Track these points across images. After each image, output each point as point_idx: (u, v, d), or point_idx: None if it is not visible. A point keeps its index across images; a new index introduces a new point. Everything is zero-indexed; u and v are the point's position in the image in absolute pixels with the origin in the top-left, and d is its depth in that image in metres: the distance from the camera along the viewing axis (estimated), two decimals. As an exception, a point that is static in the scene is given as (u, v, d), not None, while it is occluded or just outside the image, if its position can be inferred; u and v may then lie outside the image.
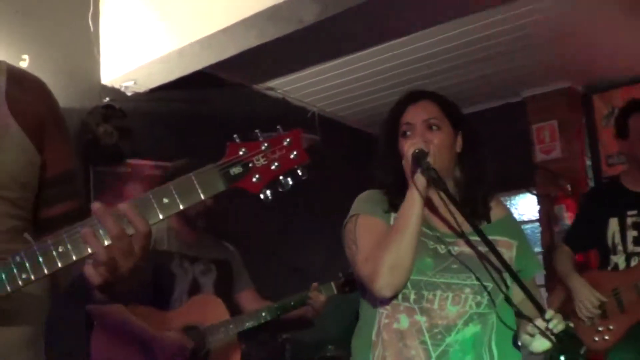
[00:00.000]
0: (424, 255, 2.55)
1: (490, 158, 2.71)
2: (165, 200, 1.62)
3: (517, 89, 7.22)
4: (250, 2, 4.51)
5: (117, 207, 1.60)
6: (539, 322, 2.36)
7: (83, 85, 5.28)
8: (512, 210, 7.52)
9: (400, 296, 2.54)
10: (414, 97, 2.76)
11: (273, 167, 1.69)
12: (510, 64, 6.49)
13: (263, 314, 4.13)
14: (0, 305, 1.64)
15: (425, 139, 2.58)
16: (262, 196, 1.67)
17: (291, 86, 6.71)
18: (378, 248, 2.50)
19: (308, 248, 5.96)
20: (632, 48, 6.20)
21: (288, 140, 1.75)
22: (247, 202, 2.05)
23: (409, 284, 2.51)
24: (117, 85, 5.47)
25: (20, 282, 1.61)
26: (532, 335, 2.41)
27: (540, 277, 6.81)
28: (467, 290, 2.53)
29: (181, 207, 1.63)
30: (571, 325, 2.47)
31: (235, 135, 1.73)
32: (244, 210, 4.73)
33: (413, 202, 2.48)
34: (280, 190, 1.69)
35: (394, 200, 2.63)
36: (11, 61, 2.00)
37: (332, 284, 4.29)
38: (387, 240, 2.49)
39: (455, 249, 2.60)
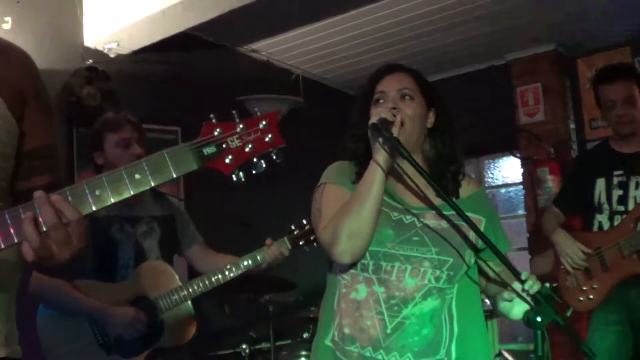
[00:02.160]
0: (386, 226, 2.56)
1: (474, 121, 2.71)
2: (137, 176, 1.64)
3: (501, 52, 7.19)
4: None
5: (51, 197, 1.63)
6: (515, 286, 2.37)
7: (66, 47, 5.27)
8: (496, 173, 7.58)
9: (359, 266, 2.56)
10: (390, 68, 2.77)
11: (247, 150, 1.70)
12: (494, 26, 6.44)
13: (215, 277, 3.87)
14: None
15: (397, 106, 2.58)
16: (234, 177, 1.69)
17: (275, 48, 6.68)
18: (338, 214, 2.50)
19: (268, 205, 5.86)
20: (615, 12, 6.19)
21: (264, 122, 1.76)
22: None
23: (367, 255, 2.53)
24: (100, 47, 5.47)
25: None
26: (510, 301, 2.42)
27: (523, 241, 6.87)
28: (427, 263, 2.54)
29: (152, 183, 1.65)
30: (547, 285, 2.49)
31: (211, 115, 1.72)
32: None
33: (374, 171, 2.48)
34: (253, 172, 1.70)
35: (363, 170, 2.61)
36: (-7, 24, 1.99)
37: (286, 238, 3.99)
38: (346, 207, 2.50)
39: (420, 221, 2.60)
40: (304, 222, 3.97)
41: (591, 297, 4.18)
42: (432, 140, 2.71)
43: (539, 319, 2.22)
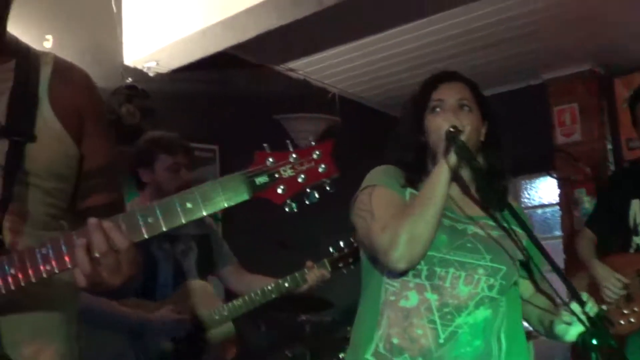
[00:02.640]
0: (440, 231, 2.48)
1: (511, 141, 2.68)
2: (189, 205, 1.65)
3: (538, 72, 7.18)
4: (271, -16, 4.52)
5: (104, 223, 1.66)
6: (574, 307, 2.31)
7: (106, 66, 5.32)
8: (532, 193, 7.56)
9: (410, 272, 2.48)
10: (447, 76, 2.72)
11: (300, 180, 1.69)
12: (531, 46, 6.46)
13: (257, 298, 3.90)
14: (33, 290, 1.69)
15: (456, 116, 2.53)
16: (286, 208, 1.69)
17: (312, 67, 6.72)
18: (398, 218, 2.42)
19: (306, 226, 5.88)
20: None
21: (317, 152, 1.72)
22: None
23: (422, 260, 2.46)
24: (139, 66, 5.53)
25: (43, 274, 1.66)
26: (569, 324, 2.36)
27: (560, 262, 6.81)
28: (481, 270, 2.49)
29: (204, 213, 1.66)
30: (603, 308, 2.48)
31: (265, 145, 1.73)
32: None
33: (441, 177, 2.44)
34: (306, 202, 1.70)
35: (412, 176, 2.61)
36: (35, 41, 2.05)
37: (326, 261, 4.02)
38: (408, 211, 2.44)
39: (471, 229, 2.56)
40: (342, 244, 4.00)
41: (632, 320, 4.12)
42: (485, 153, 2.64)
43: (595, 341, 2.18)
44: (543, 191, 7.65)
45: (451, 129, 2.44)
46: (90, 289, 1.71)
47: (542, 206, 7.66)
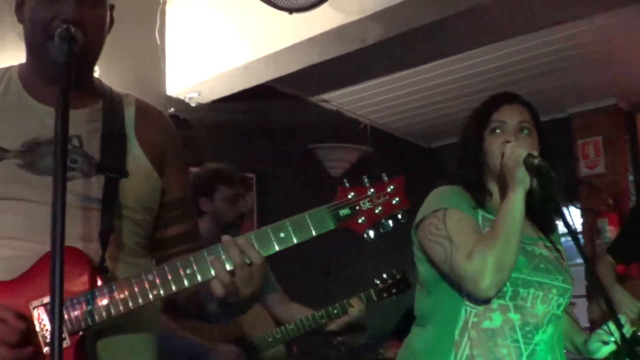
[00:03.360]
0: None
1: None
2: (282, 235, 1.85)
3: (563, 105, 7.36)
4: (316, 22, 4.68)
5: (238, 241, 1.84)
6: (612, 328, 2.48)
7: (149, 96, 5.31)
8: (557, 222, 7.68)
9: None
10: (509, 97, 2.75)
11: (377, 211, 1.89)
12: (558, 81, 6.65)
13: (308, 323, 4.13)
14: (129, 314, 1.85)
15: (517, 139, 2.57)
16: (365, 236, 1.89)
17: (345, 99, 6.93)
18: (483, 245, 2.43)
19: (347, 256, 6.05)
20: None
21: (392, 187, 1.93)
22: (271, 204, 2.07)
23: (507, 281, 2.47)
24: (181, 97, 5.74)
25: (151, 297, 1.83)
26: (606, 343, 2.53)
27: (582, 288, 6.94)
28: (554, 290, 2.55)
29: (295, 241, 1.86)
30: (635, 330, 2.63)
31: (345, 180, 1.91)
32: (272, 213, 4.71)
33: (519, 204, 2.44)
34: (381, 231, 1.90)
35: (479, 196, 2.64)
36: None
37: (372, 291, 4.24)
38: (493, 238, 2.44)
39: (537, 250, 2.62)
40: (385, 276, 4.22)
41: None
42: (539, 177, 2.54)
43: (627, 360, 2.36)
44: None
45: (532, 153, 2.44)
46: (225, 299, 1.86)
47: (566, 234, 7.69)
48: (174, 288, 1.84)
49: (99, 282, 1.84)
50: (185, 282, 1.84)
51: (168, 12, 5.69)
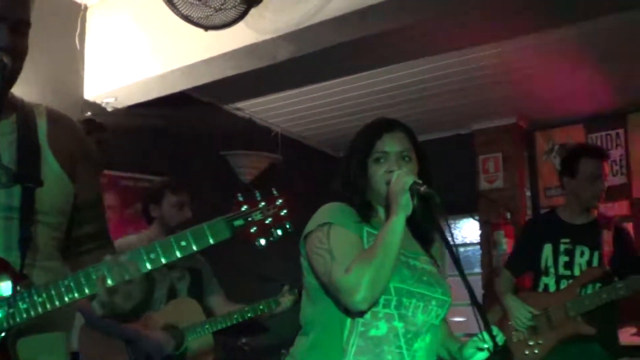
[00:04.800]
0: (401, 266, 2.63)
1: (438, 184, 2.76)
2: (183, 243, 2.06)
3: (467, 122, 7.68)
4: (230, 38, 4.86)
5: (119, 259, 2.03)
6: (486, 337, 2.63)
7: (67, 99, 5.61)
8: (456, 233, 8.03)
9: (381, 302, 2.57)
10: (389, 125, 2.85)
11: (267, 222, 2.13)
12: (463, 100, 6.92)
13: (235, 316, 4.54)
14: (48, 314, 2.02)
15: (399, 167, 2.69)
16: (256, 244, 2.12)
17: (258, 108, 7.10)
18: (362, 261, 2.52)
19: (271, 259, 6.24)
20: (569, 93, 6.74)
21: (280, 201, 2.16)
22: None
23: (393, 291, 2.57)
24: (98, 101, 5.85)
25: (67, 300, 2.02)
26: (481, 350, 2.69)
27: (478, 297, 7.17)
28: (434, 302, 2.68)
29: (195, 249, 2.07)
30: (514, 337, 2.77)
31: (239, 194, 2.13)
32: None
33: (400, 226, 2.56)
34: (271, 239, 2.14)
35: (365, 213, 2.74)
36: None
37: (297, 290, 4.67)
38: (371, 254, 2.54)
39: (419, 264, 2.73)
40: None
41: (536, 351, 4.55)
42: (424, 202, 2.65)
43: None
44: (466, 231, 8.15)
45: (420, 188, 2.56)
46: (107, 314, 2.08)
47: (465, 245, 8.15)
48: (87, 293, 2.03)
49: (18, 288, 2.00)
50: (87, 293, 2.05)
51: (89, 19, 5.81)
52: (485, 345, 2.63)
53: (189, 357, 4.42)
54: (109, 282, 2.02)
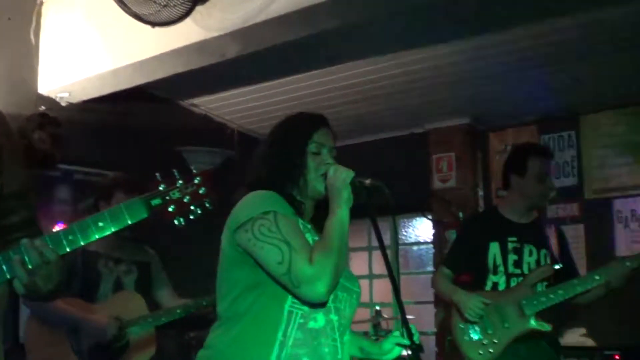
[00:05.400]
0: None
1: (392, 182, 2.75)
2: (101, 224, 2.14)
3: (421, 121, 7.69)
4: (180, 35, 4.95)
5: (35, 242, 2.09)
6: (402, 333, 2.79)
7: (21, 93, 5.69)
8: (410, 231, 8.12)
9: None
10: (324, 120, 2.91)
11: (185, 200, 2.20)
12: (417, 99, 6.96)
13: (178, 311, 4.60)
14: None
15: (334, 163, 2.78)
16: (175, 222, 2.20)
17: (214, 104, 7.13)
18: (322, 251, 2.53)
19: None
20: (522, 95, 6.85)
21: (198, 178, 2.24)
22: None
23: None
24: (53, 96, 5.90)
25: None
26: (400, 346, 2.84)
27: (430, 295, 7.17)
28: (355, 296, 2.78)
29: (112, 229, 2.15)
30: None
31: (157, 174, 2.22)
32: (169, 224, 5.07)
33: (346, 218, 2.65)
34: (190, 217, 2.20)
35: (297, 206, 2.76)
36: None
37: None
38: (330, 246, 2.56)
39: None
40: None
41: (491, 350, 4.47)
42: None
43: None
44: (419, 230, 8.22)
45: (365, 181, 2.67)
46: (29, 295, 2.14)
47: (418, 244, 8.23)
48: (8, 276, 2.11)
49: None
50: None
51: (44, 13, 5.86)
52: (405, 342, 2.74)
53: (130, 349, 4.48)
54: (28, 265, 2.07)
